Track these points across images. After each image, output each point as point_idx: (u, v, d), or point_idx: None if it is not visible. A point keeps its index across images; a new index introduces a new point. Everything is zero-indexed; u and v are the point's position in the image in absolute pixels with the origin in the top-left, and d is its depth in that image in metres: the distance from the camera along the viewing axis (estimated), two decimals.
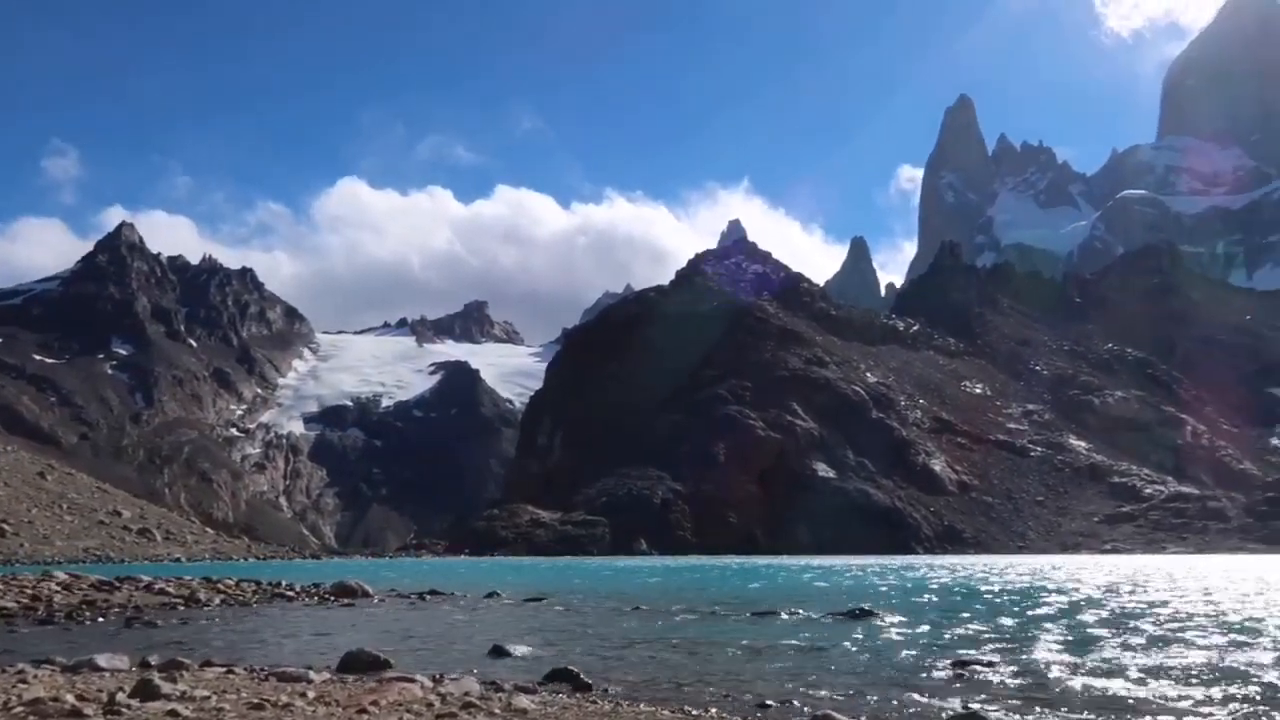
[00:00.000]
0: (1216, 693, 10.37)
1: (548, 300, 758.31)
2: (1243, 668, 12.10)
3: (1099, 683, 11.09)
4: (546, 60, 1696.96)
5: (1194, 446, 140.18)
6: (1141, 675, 11.53)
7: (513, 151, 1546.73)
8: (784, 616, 20.46)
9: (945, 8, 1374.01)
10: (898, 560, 74.25)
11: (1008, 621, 19.18)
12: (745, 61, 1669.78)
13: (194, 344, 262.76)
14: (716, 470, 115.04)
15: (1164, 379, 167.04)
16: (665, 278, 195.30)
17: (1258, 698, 10.08)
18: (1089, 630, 17.17)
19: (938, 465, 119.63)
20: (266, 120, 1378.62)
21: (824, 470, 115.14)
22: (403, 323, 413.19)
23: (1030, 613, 21.46)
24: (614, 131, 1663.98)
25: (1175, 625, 17.70)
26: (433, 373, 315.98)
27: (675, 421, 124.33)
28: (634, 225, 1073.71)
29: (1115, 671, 11.89)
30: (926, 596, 27.95)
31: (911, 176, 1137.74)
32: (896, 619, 19.59)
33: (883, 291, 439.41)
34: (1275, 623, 17.89)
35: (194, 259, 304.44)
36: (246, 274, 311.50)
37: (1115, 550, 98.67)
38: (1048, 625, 18.30)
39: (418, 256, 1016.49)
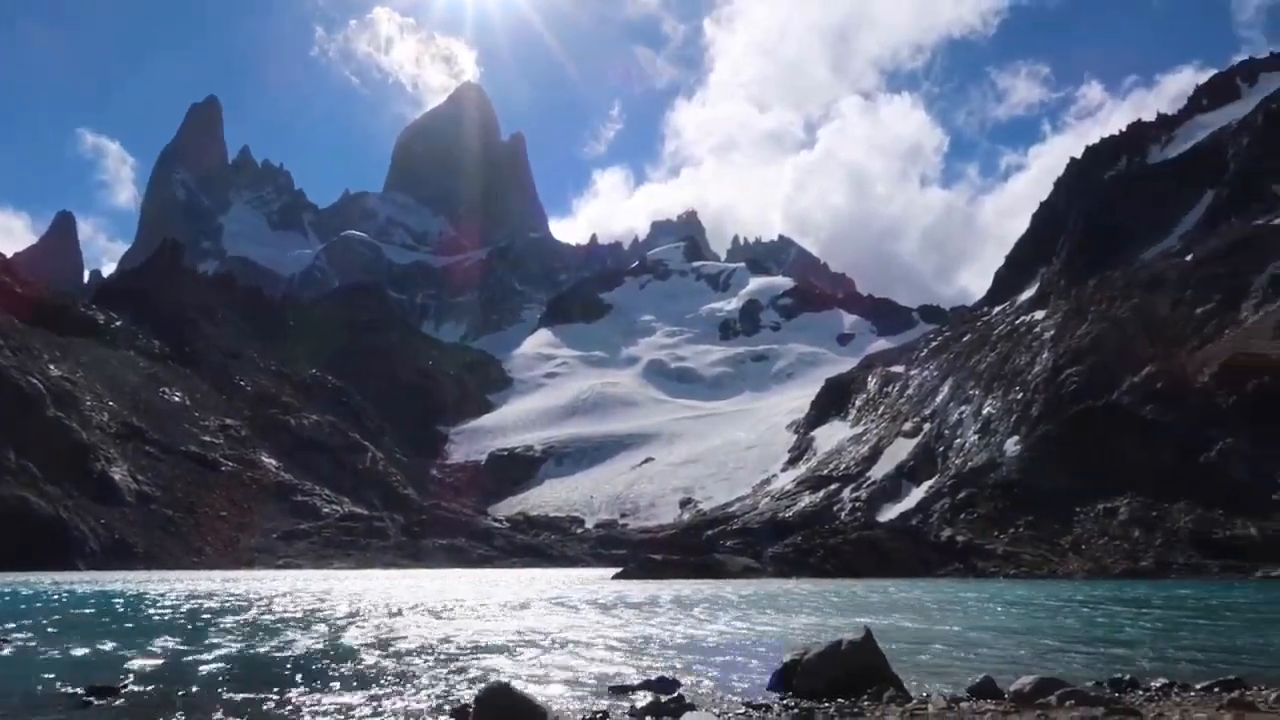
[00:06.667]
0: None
1: None
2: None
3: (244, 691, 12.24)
4: None
5: (371, 471, 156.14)
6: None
7: None
8: None
9: (202, 6, 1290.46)
10: (54, 577, 67.01)
11: (154, 638, 19.36)
12: None
13: None
14: None
15: (355, 407, 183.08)
16: None
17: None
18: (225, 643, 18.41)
19: (118, 474, 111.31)
20: None
21: None
22: None
23: (172, 627, 21.92)
24: None
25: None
26: None
27: None
28: None
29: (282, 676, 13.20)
30: (68, 616, 26.34)
31: (95, 145, 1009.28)
32: (31, 643, 18.30)
33: (87, 278, 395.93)
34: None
35: None
36: None
37: (288, 565, 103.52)
38: (187, 645, 19.03)
39: None
